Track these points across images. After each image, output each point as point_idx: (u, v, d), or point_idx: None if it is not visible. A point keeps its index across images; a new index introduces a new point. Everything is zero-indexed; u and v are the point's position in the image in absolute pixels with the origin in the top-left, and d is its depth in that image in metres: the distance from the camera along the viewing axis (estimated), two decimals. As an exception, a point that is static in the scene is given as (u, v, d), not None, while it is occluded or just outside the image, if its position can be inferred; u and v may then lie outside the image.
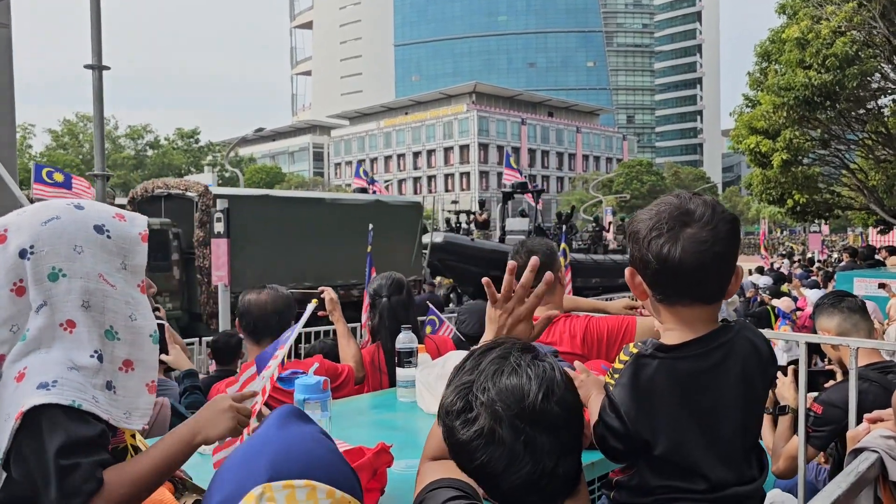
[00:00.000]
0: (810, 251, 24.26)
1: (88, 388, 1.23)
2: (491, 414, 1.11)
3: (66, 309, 1.26)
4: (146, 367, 1.35)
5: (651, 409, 1.41)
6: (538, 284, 1.52)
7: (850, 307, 3.00)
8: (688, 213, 1.40)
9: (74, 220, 1.32)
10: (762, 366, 1.49)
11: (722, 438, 1.43)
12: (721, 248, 1.38)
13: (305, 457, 1.03)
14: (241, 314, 2.77)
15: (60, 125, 55.71)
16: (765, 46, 17.92)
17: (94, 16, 4.26)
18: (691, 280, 1.40)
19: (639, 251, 1.43)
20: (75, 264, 1.28)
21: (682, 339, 1.44)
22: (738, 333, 1.48)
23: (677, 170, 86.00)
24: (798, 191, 18.24)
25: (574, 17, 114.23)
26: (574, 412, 1.16)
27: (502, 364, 1.16)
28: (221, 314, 10.62)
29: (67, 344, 1.25)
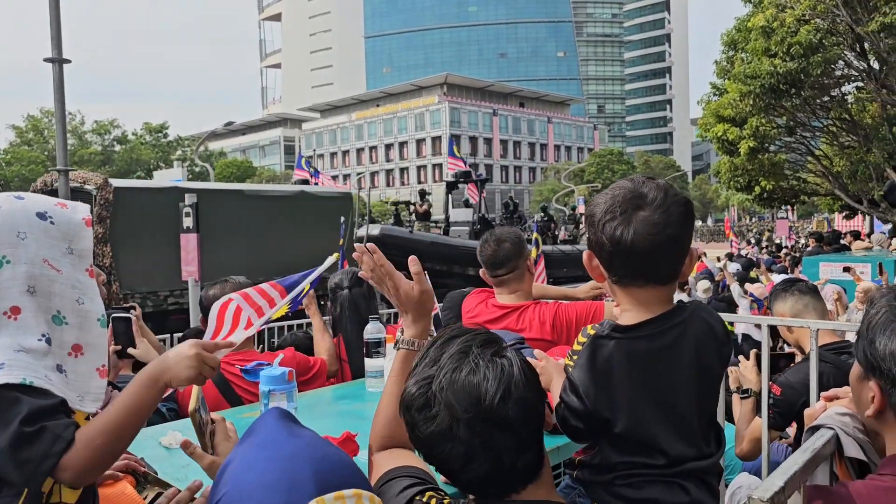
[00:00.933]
0: (777, 237, 24.65)
1: (39, 368, 1.23)
2: (449, 413, 1.13)
3: (11, 295, 1.26)
4: (96, 352, 1.34)
5: (609, 388, 1.44)
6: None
7: (800, 290, 3.12)
8: (641, 196, 1.43)
9: (15, 208, 1.32)
10: (716, 344, 1.53)
11: (678, 415, 1.46)
12: (673, 231, 1.42)
13: (339, 465, 1.04)
14: (203, 309, 2.76)
15: (24, 121, 54.60)
16: (731, 35, 18.14)
17: (53, 6, 4.18)
18: (644, 262, 1.43)
19: (594, 234, 1.47)
20: (18, 250, 1.28)
21: (637, 320, 1.48)
22: (693, 313, 1.51)
23: (648, 158, 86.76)
24: (765, 178, 18.52)
25: (544, 6, 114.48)
26: (533, 409, 1.18)
27: (462, 361, 1.17)
28: (192, 310, 10.52)
29: (12, 331, 1.24)
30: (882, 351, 1.28)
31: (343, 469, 1.04)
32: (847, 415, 1.53)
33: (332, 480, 1.00)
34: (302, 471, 1.00)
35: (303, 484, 0.98)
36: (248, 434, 1.11)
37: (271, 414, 1.13)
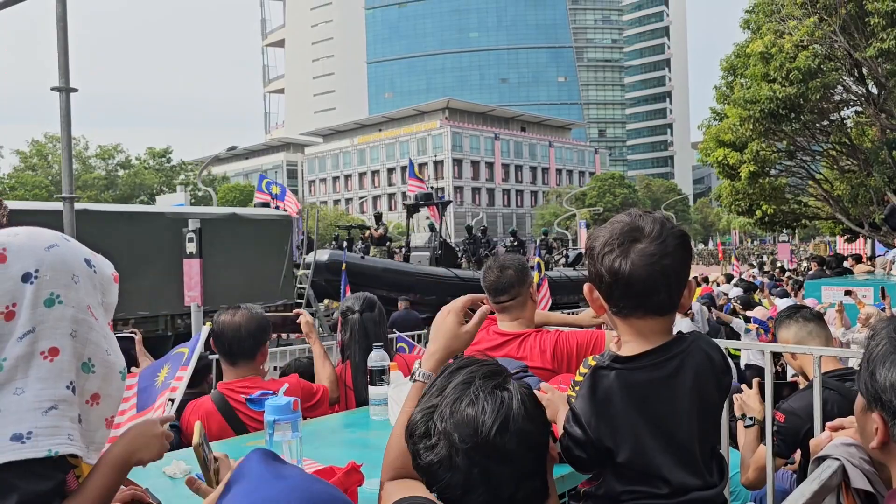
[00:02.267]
0: (780, 260, 24.65)
1: (66, 423, 1.22)
2: (448, 443, 1.16)
3: (54, 336, 1.24)
4: (110, 403, 1.34)
5: (611, 418, 1.45)
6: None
7: (805, 317, 3.10)
8: (638, 229, 1.46)
9: (70, 249, 1.32)
10: (715, 374, 1.55)
11: (679, 444, 1.48)
12: (670, 262, 1.45)
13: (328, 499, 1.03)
14: (215, 336, 2.73)
15: (29, 146, 54.93)
16: (730, 61, 18.28)
17: (61, 37, 4.24)
18: (642, 293, 1.46)
19: (593, 266, 1.50)
20: (71, 292, 1.27)
21: (637, 351, 1.50)
22: (693, 344, 1.54)
23: (649, 182, 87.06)
24: (766, 201, 18.55)
25: (544, 32, 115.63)
26: (532, 442, 1.20)
27: (464, 392, 1.20)
28: (194, 332, 10.51)
29: (43, 373, 1.22)
30: (882, 383, 1.29)
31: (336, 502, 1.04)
32: (853, 445, 1.53)
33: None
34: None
35: None
36: (233, 481, 1.09)
37: (254, 457, 1.12)
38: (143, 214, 13.00)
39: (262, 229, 13.37)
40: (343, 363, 3.18)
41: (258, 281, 12.71)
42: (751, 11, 18.27)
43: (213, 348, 2.84)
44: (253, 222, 13.60)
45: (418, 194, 19.58)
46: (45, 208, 11.53)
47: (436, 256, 18.79)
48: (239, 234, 12.64)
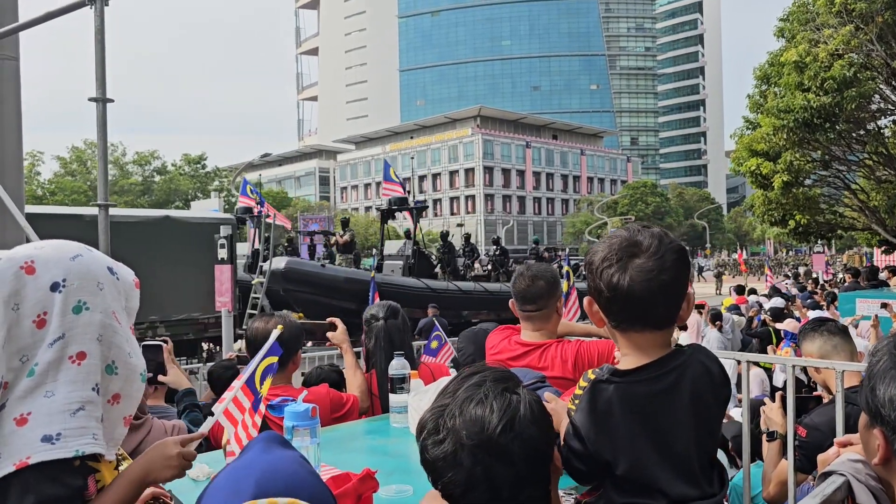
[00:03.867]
0: (814, 271, 24.20)
1: (92, 423, 1.29)
2: (455, 440, 1.19)
3: (83, 340, 1.32)
4: (130, 402, 1.40)
5: (609, 431, 1.48)
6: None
7: (829, 330, 3.07)
8: (636, 244, 1.49)
9: (94, 259, 1.39)
10: (713, 387, 1.57)
11: (677, 456, 1.50)
12: (667, 277, 1.47)
13: (289, 478, 1.08)
14: (248, 342, 2.78)
15: (69, 152, 56.16)
16: (764, 70, 18.02)
17: (99, 49, 4.35)
18: (641, 307, 1.49)
19: (593, 281, 1.53)
20: (97, 299, 1.35)
21: (636, 364, 1.52)
22: (691, 357, 1.56)
23: (682, 191, 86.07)
24: (800, 212, 18.22)
25: (577, 41, 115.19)
26: (535, 447, 1.22)
27: (474, 392, 1.23)
28: (224, 339, 10.69)
29: (72, 376, 1.29)
30: (882, 398, 1.30)
31: (293, 481, 1.07)
32: (860, 461, 1.53)
33: (276, 488, 1.04)
34: (247, 477, 1.06)
35: (244, 488, 1.04)
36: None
37: (261, 436, 1.20)
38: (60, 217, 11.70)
39: (200, 233, 12.32)
40: (368, 372, 3.21)
41: (195, 289, 11.99)
42: (785, 20, 18.00)
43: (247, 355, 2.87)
44: (189, 225, 12.67)
45: (392, 198, 18.23)
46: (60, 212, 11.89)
47: (409, 265, 17.73)
48: (173, 238, 11.90)
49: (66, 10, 4.52)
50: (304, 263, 16.45)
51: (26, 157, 27.83)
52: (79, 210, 13.37)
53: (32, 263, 1.31)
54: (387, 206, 18.48)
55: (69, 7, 4.47)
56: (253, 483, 1.05)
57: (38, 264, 1.31)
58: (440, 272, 18.66)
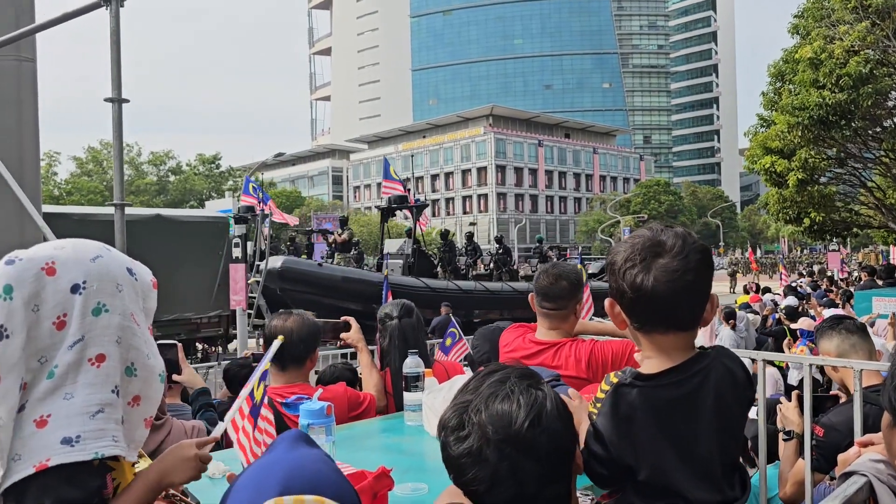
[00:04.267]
0: (829, 270, 24.01)
1: (111, 425, 1.29)
2: (480, 435, 1.17)
3: (102, 343, 1.31)
4: (150, 404, 1.40)
5: (632, 436, 1.46)
6: None
7: (847, 329, 3.02)
8: (659, 244, 1.47)
9: (113, 259, 1.39)
10: (737, 390, 1.55)
11: (700, 461, 1.48)
12: (692, 277, 1.45)
13: (315, 475, 1.08)
14: (266, 340, 2.77)
15: (85, 152, 56.60)
16: (778, 67, 17.89)
17: (114, 50, 4.38)
18: (664, 308, 1.47)
19: (615, 281, 1.51)
20: (116, 301, 1.34)
21: (659, 368, 1.50)
22: (714, 360, 1.53)
23: (695, 189, 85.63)
24: (815, 210, 18.07)
25: (589, 39, 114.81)
26: (561, 442, 1.21)
27: (499, 388, 1.22)
28: (239, 337, 10.76)
29: (91, 378, 1.29)
30: None
31: (318, 479, 1.08)
32: (882, 461, 1.52)
33: (302, 486, 1.04)
34: (273, 474, 1.06)
35: (269, 485, 1.04)
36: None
37: (285, 434, 1.21)
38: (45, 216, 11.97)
39: (191, 232, 12.30)
40: (383, 370, 3.21)
41: (185, 289, 11.76)
42: (800, 16, 17.87)
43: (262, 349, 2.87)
44: (181, 224, 12.50)
45: (392, 196, 17.95)
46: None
47: (408, 265, 17.38)
48: (164, 237, 11.66)
49: (81, 12, 4.56)
50: (301, 262, 16.18)
51: (43, 157, 28.17)
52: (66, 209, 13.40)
53: (53, 264, 1.31)
54: (386, 204, 18.25)
55: (85, 8, 4.51)
56: (278, 480, 1.05)
57: (58, 265, 1.31)
58: (440, 271, 18.41)
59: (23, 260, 1.29)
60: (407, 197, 18.16)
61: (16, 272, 1.27)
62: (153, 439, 2.45)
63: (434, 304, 13.82)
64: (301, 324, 2.77)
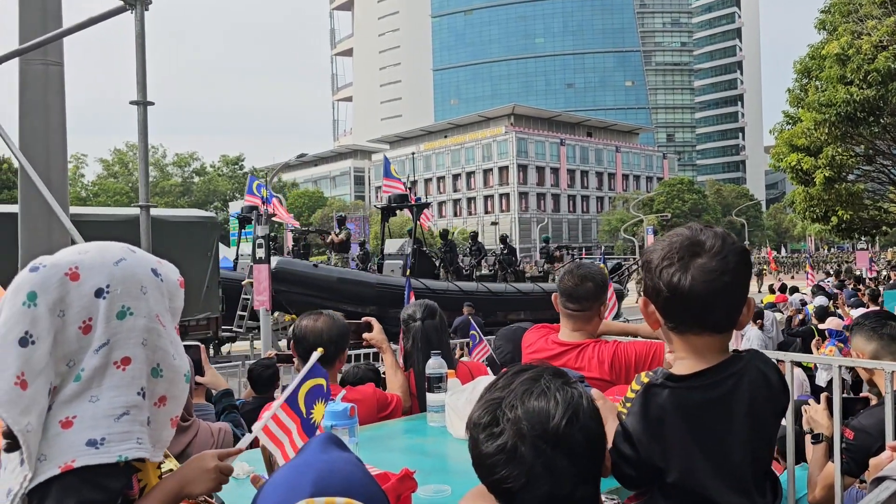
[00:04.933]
0: (858, 268, 23.64)
1: (136, 427, 1.30)
2: (515, 431, 1.15)
3: (127, 346, 1.33)
4: (175, 403, 1.41)
5: (662, 438, 1.44)
6: None
7: (891, 335, 2.85)
8: (698, 243, 1.44)
9: (138, 261, 1.40)
10: (772, 395, 1.52)
11: (732, 466, 1.45)
12: (730, 279, 1.42)
13: (346, 478, 1.10)
14: (296, 340, 2.74)
15: (111, 154, 57.38)
16: (804, 63, 17.67)
17: (139, 53, 4.43)
18: (701, 309, 1.44)
19: (651, 280, 1.48)
20: (140, 303, 1.35)
21: (692, 369, 1.47)
22: (749, 363, 1.50)
23: (719, 187, 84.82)
24: (842, 208, 17.81)
25: (611, 37, 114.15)
26: (596, 441, 1.20)
27: (532, 385, 1.20)
28: (263, 337, 10.83)
29: (116, 381, 1.30)
30: None
31: (350, 481, 1.09)
32: (915, 466, 1.49)
33: (333, 487, 1.06)
34: (305, 476, 1.08)
35: (301, 487, 1.06)
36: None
37: (318, 437, 1.22)
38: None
39: (179, 233, 12.06)
40: (406, 371, 3.20)
41: None
42: (826, 12, 17.63)
43: (292, 353, 2.83)
44: (168, 224, 12.13)
45: (392, 195, 17.60)
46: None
47: (408, 265, 16.96)
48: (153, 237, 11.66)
49: (107, 16, 4.61)
50: (296, 263, 15.88)
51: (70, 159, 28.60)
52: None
53: (77, 269, 1.32)
54: (386, 203, 17.84)
55: (111, 12, 4.56)
56: (311, 482, 1.07)
57: (82, 270, 1.32)
58: (442, 272, 17.96)
59: (46, 266, 1.31)
60: (407, 196, 17.88)
61: (40, 279, 1.29)
62: (180, 441, 2.46)
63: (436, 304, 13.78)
64: (331, 325, 2.75)
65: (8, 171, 38.32)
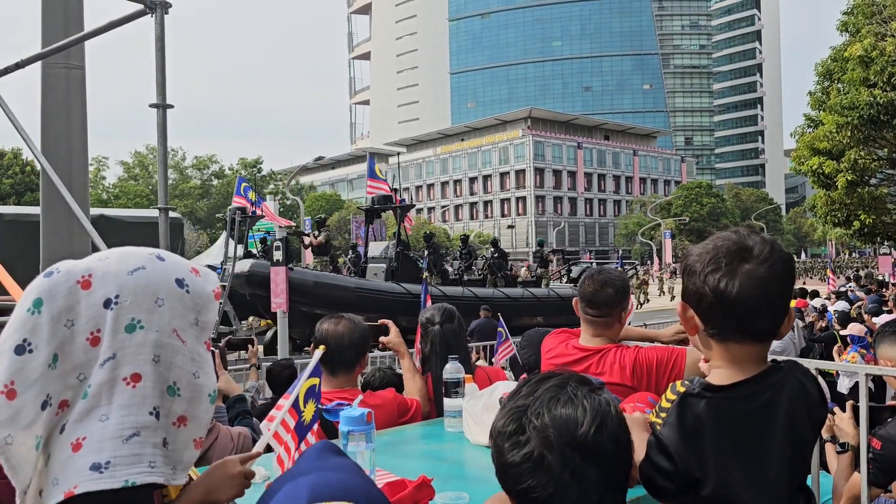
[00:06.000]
0: (880, 274, 23.31)
1: (147, 449, 1.23)
2: (542, 439, 1.13)
3: (136, 362, 1.25)
4: (199, 424, 1.33)
5: (699, 449, 1.40)
6: None
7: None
8: (746, 248, 1.41)
9: (158, 271, 1.31)
10: (810, 408, 1.48)
11: (768, 480, 1.42)
12: (777, 287, 1.39)
13: (344, 483, 1.09)
14: (319, 343, 2.71)
15: (132, 157, 57.96)
16: (826, 65, 17.50)
17: (159, 56, 4.46)
18: (746, 316, 1.40)
19: (693, 284, 1.44)
20: (154, 317, 1.27)
21: (730, 379, 1.44)
22: (788, 374, 1.47)
23: (738, 191, 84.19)
24: (865, 212, 17.59)
25: (629, 40, 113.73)
26: (624, 449, 1.18)
27: (559, 392, 1.18)
28: (280, 340, 10.86)
29: (126, 399, 1.23)
30: None
31: (346, 487, 1.09)
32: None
33: (332, 493, 1.06)
34: (302, 483, 1.08)
35: (298, 494, 1.06)
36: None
37: (315, 445, 1.22)
38: None
39: (139, 234, 11.67)
40: (424, 375, 3.20)
41: None
42: (849, 13, 17.45)
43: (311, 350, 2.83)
44: (127, 225, 11.98)
45: (376, 196, 16.87)
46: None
47: (391, 269, 16.20)
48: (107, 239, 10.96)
49: (128, 19, 4.64)
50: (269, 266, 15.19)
51: (92, 162, 29.02)
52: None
53: (90, 277, 1.26)
54: (370, 204, 17.12)
55: (131, 16, 4.59)
56: (307, 489, 1.06)
57: (94, 279, 1.26)
58: (428, 276, 17.07)
59: (60, 272, 1.25)
60: (392, 197, 17.19)
61: (49, 285, 1.23)
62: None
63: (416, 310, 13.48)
64: (353, 328, 2.74)
65: (31, 173, 38.82)
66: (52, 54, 4.90)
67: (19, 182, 39.72)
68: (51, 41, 4.94)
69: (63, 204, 4.59)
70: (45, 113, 5.15)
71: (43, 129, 5.15)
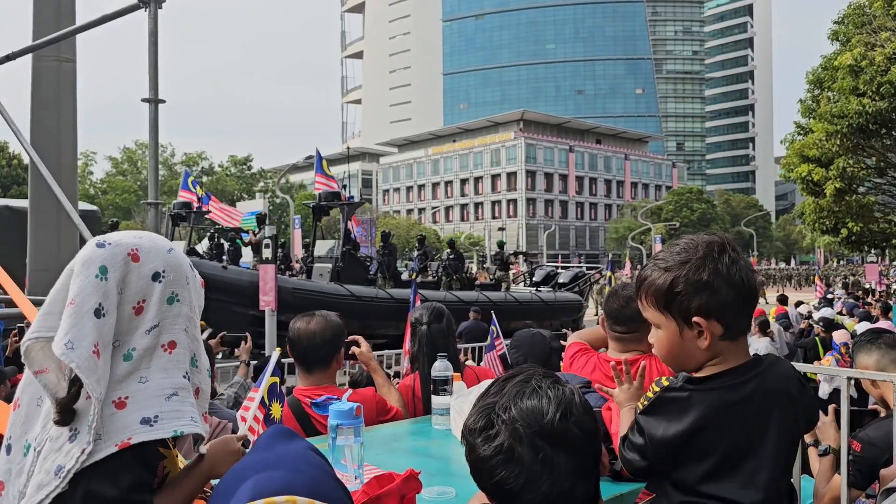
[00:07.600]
0: (867, 282, 23.51)
1: (187, 409, 1.35)
2: (511, 432, 1.15)
3: (173, 330, 1.38)
4: (204, 399, 1.47)
5: (678, 436, 1.44)
6: None
7: (888, 343, 2.93)
8: (713, 243, 1.48)
9: (180, 255, 1.46)
10: (790, 398, 1.52)
11: (747, 467, 1.45)
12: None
13: (288, 474, 1.08)
14: (291, 342, 2.76)
15: (120, 153, 57.64)
16: (817, 74, 17.59)
17: (152, 51, 4.45)
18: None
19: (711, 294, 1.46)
20: (185, 292, 1.42)
21: (713, 371, 1.49)
22: (769, 366, 1.51)
23: (728, 197, 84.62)
24: (853, 220, 17.68)
25: (622, 44, 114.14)
26: (591, 435, 1.20)
27: (524, 387, 1.21)
28: (268, 338, 10.82)
29: (164, 364, 1.36)
30: None
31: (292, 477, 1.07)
32: (926, 478, 1.47)
33: (274, 487, 1.05)
34: (246, 478, 1.08)
35: (242, 492, 1.05)
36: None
37: (266, 432, 1.22)
38: None
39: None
40: (412, 373, 3.21)
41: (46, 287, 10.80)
42: (840, 22, 17.56)
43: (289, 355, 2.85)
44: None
45: (323, 193, 16.28)
46: None
47: (337, 270, 15.44)
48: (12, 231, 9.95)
49: (121, 13, 4.64)
50: (204, 265, 14.43)
51: (80, 156, 28.85)
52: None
53: (137, 252, 1.37)
54: (317, 201, 16.40)
55: (124, 10, 4.58)
56: (250, 485, 1.06)
57: (141, 253, 1.38)
58: (380, 277, 16.68)
59: (112, 244, 1.36)
60: (339, 193, 16.62)
61: (110, 254, 1.34)
62: None
63: (360, 314, 13.04)
64: (325, 325, 2.76)
65: (18, 166, 38.56)
66: (44, 47, 4.89)
67: (6, 175, 39.45)
68: (42, 34, 4.92)
69: (51, 197, 4.58)
70: (35, 105, 5.14)
71: (32, 121, 5.14)
